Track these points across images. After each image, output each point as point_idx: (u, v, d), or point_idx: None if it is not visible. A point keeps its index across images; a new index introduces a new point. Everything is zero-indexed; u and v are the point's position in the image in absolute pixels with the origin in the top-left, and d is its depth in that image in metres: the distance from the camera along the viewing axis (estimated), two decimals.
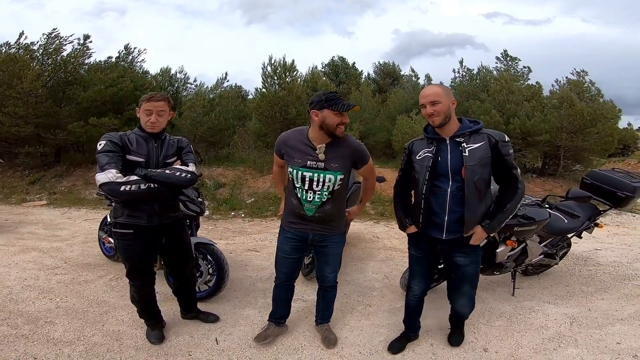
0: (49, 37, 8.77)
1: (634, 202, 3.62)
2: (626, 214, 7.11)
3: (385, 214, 6.68)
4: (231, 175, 7.96)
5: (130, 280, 2.30)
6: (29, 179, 8.35)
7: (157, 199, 2.14)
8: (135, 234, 2.15)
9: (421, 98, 2.00)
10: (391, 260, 4.15)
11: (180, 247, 2.43)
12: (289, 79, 7.84)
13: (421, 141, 2.12)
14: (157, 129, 2.15)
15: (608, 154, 10.85)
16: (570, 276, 3.71)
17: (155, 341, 2.39)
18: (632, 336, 2.60)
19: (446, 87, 2.04)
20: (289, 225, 2.26)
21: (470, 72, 10.39)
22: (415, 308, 2.42)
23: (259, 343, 2.40)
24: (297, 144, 2.09)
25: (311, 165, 2.05)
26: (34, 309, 2.82)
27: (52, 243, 4.53)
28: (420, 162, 2.05)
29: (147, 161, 2.12)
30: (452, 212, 1.99)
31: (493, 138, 1.93)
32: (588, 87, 9.15)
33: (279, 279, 2.40)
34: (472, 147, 1.94)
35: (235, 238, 5.03)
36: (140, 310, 2.43)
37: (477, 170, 1.92)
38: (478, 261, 2.15)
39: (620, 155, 16.81)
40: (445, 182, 1.99)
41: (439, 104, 1.92)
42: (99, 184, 1.96)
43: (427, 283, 2.34)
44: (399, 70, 17.53)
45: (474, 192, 1.94)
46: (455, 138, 1.97)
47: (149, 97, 2.12)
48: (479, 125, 2.00)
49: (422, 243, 2.20)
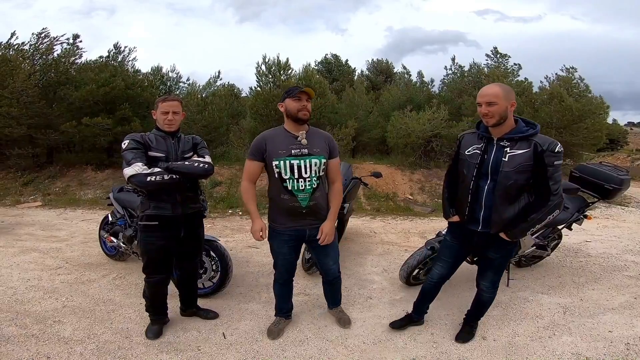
0: (39, 37, 8.67)
1: (621, 195, 3.76)
2: (615, 207, 7.32)
3: (381, 210, 6.78)
4: (227, 173, 7.98)
5: (147, 275, 2.39)
6: (22, 180, 8.27)
7: (179, 189, 2.29)
8: (160, 225, 2.28)
9: (479, 97, 1.98)
10: (389, 254, 4.24)
11: (195, 240, 2.54)
12: (283, 77, 7.87)
13: (472, 135, 2.16)
14: (173, 127, 2.32)
15: (597, 149, 11.10)
16: (562, 267, 3.85)
17: (152, 336, 2.47)
18: (623, 325, 2.72)
19: (508, 87, 1.99)
20: (283, 226, 2.28)
21: (462, 68, 10.52)
22: (429, 293, 2.54)
23: (274, 339, 2.48)
24: (278, 137, 2.21)
25: (296, 153, 2.16)
26: (41, 309, 2.85)
27: (51, 244, 4.53)
28: (470, 157, 2.10)
29: (167, 157, 2.28)
30: (487, 209, 2.06)
31: (540, 146, 1.90)
32: (577, 83, 9.33)
33: (282, 277, 2.48)
34: (514, 153, 1.94)
35: (235, 235, 5.08)
36: (149, 305, 2.51)
37: (512, 176, 1.94)
38: (507, 255, 2.24)
39: (609, 150, 17.18)
40: (485, 180, 2.05)
41: (495, 105, 1.91)
42: (128, 176, 2.11)
43: (448, 270, 2.43)
44: (392, 68, 17.62)
45: (504, 195, 1.99)
46: (501, 141, 1.99)
47: (163, 98, 2.30)
48: (532, 131, 1.96)
49: (459, 233, 2.28)
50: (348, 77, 16.66)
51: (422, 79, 11.78)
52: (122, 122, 8.31)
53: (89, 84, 8.14)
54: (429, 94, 11.03)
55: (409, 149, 8.56)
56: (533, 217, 1.98)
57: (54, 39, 8.75)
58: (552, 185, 1.92)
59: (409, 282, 3.22)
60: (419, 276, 3.24)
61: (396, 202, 7.19)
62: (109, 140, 8.05)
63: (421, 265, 3.15)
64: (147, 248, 2.33)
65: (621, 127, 23.73)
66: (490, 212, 2.05)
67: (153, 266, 2.37)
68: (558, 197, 1.95)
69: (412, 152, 8.55)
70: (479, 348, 2.41)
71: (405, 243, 4.75)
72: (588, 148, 9.75)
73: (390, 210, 6.79)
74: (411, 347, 2.43)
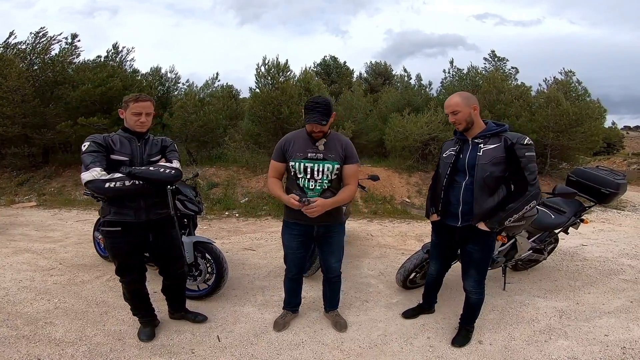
0: (37, 36, 8.64)
1: (617, 199, 3.76)
2: (612, 210, 7.34)
3: (378, 212, 6.77)
4: (224, 175, 7.96)
5: (120, 277, 2.33)
6: (17, 180, 8.22)
7: (143, 196, 2.18)
8: (123, 231, 2.18)
9: (445, 108, 2.25)
10: (386, 258, 4.23)
11: (168, 244, 2.42)
12: (282, 79, 7.86)
13: (451, 141, 2.40)
14: (145, 129, 2.23)
15: (593, 152, 11.14)
16: (558, 271, 3.84)
17: (145, 339, 2.42)
18: (619, 328, 2.71)
19: (466, 94, 2.23)
20: (294, 220, 2.38)
21: (460, 72, 10.55)
22: (432, 285, 2.75)
23: (279, 331, 2.58)
24: (298, 140, 2.34)
25: (311, 157, 2.28)
26: (33, 310, 2.81)
27: (45, 244, 4.49)
28: (445, 159, 2.34)
29: (131, 160, 2.17)
30: (465, 204, 2.23)
31: (509, 140, 2.10)
32: (575, 87, 9.37)
33: (291, 272, 2.59)
34: (487, 148, 2.14)
35: (231, 237, 5.05)
36: (133, 307, 2.47)
37: (488, 169, 2.11)
38: (486, 250, 2.31)
39: (605, 154, 17.26)
40: (462, 177, 2.24)
41: (459, 113, 2.17)
42: (84, 182, 2.01)
43: (442, 265, 2.65)
44: (390, 70, 17.67)
45: (482, 187, 2.14)
46: (475, 139, 2.20)
47: (135, 98, 2.17)
48: (500, 128, 2.18)
49: (441, 230, 2.47)
50: (346, 80, 16.68)
51: (421, 81, 11.81)
52: (119, 122, 8.26)
53: (86, 83, 8.11)
54: (427, 96, 11.05)
55: (406, 152, 8.56)
56: (511, 206, 2.11)
57: (52, 38, 8.74)
58: (528, 176, 2.08)
59: (406, 285, 3.21)
60: (415, 279, 3.22)
61: (393, 205, 7.18)
62: None
63: (418, 269, 3.14)
64: (114, 253, 2.25)
65: (618, 131, 23.87)
66: (468, 206, 2.21)
67: (125, 269, 2.29)
68: (535, 187, 2.10)
69: (409, 155, 8.55)
70: (475, 352, 2.39)
71: (402, 246, 4.74)
72: (585, 151, 9.78)
73: (387, 213, 6.77)
74: (407, 352, 2.41)
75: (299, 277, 2.65)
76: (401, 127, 8.36)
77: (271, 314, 2.83)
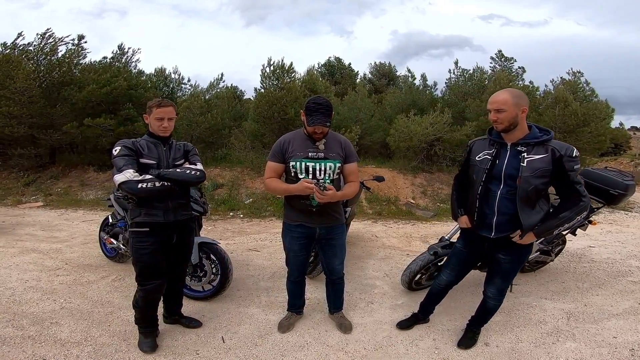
0: (43, 37, 8.71)
1: (626, 200, 3.71)
2: (619, 212, 7.25)
3: (382, 214, 6.74)
4: (229, 175, 7.97)
5: (140, 283, 2.28)
6: (24, 180, 8.28)
7: (170, 196, 2.26)
8: (150, 232, 2.23)
9: (489, 103, 2.01)
10: (390, 259, 4.20)
11: (184, 247, 2.50)
12: (287, 80, 7.86)
13: (483, 142, 2.16)
14: (168, 133, 2.29)
15: (600, 153, 11.02)
16: (566, 273, 3.80)
17: (148, 350, 2.33)
18: (627, 330, 2.68)
19: (518, 92, 1.99)
20: (295, 222, 2.36)
21: (466, 72, 10.48)
22: (436, 296, 2.60)
23: (284, 333, 2.57)
24: (297, 140, 2.30)
25: (312, 156, 2.25)
26: (39, 310, 2.83)
27: (51, 244, 4.52)
28: (480, 163, 2.10)
29: (158, 163, 2.24)
30: (502, 214, 2.04)
31: (557, 152, 1.91)
32: (582, 87, 9.29)
33: (293, 275, 2.57)
34: (532, 158, 1.94)
35: (235, 238, 5.05)
36: (140, 317, 2.38)
37: (532, 182, 1.93)
38: (519, 261, 2.20)
39: (612, 155, 17.07)
40: (497, 185, 2.04)
41: (504, 112, 1.93)
42: (119, 183, 2.08)
43: (456, 277, 2.44)
44: (395, 71, 17.62)
45: (526, 200, 1.97)
46: (516, 146, 1.99)
47: (157, 103, 2.22)
48: (547, 137, 1.97)
49: (471, 240, 2.28)
50: (350, 81, 16.65)
51: (426, 82, 11.76)
52: (125, 122, 8.33)
53: (92, 84, 8.17)
54: (432, 97, 10.98)
55: (411, 153, 8.51)
56: (564, 215, 1.97)
57: (59, 39, 8.80)
58: (579, 188, 1.95)
59: (411, 287, 3.18)
60: (421, 281, 3.20)
61: (398, 206, 7.15)
62: (111, 141, 8.03)
63: (423, 271, 3.11)
64: (140, 254, 2.23)
65: (625, 132, 23.63)
66: (506, 217, 2.04)
67: (147, 272, 2.26)
68: (588, 199, 1.97)
69: (414, 156, 8.50)
70: (482, 354, 2.37)
71: (407, 247, 4.71)
72: (592, 152, 9.67)
73: (391, 214, 6.74)
74: (413, 353, 2.39)
75: (301, 280, 2.63)
76: (405, 128, 8.32)
77: (276, 315, 2.83)
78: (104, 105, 8.39)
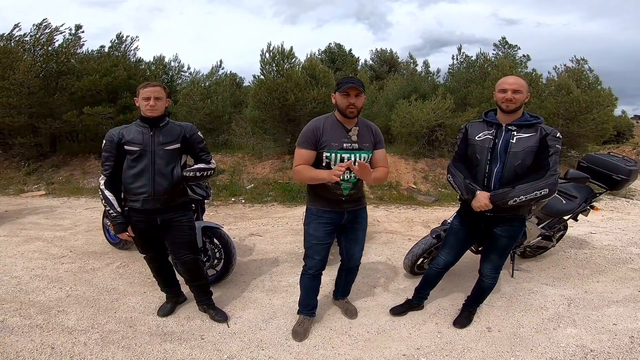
0: (39, 28, 8.58)
1: (628, 186, 3.72)
2: (620, 199, 7.26)
3: (384, 198, 6.76)
4: (230, 161, 7.96)
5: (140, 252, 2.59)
6: (25, 170, 8.28)
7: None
8: (130, 218, 2.38)
9: (504, 84, 2.12)
10: (392, 243, 4.23)
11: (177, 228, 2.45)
12: (287, 66, 7.76)
13: (479, 124, 2.27)
14: (156, 113, 2.27)
15: (602, 141, 10.96)
16: (567, 259, 3.82)
17: (161, 314, 2.61)
18: (627, 318, 2.70)
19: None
20: (323, 210, 2.27)
21: (469, 58, 10.35)
22: (432, 279, 2.63)
23: (301, 341, 2.36)
24: (330, 128, 2.18)
25: (347, 147, 2.18)
26: (45, 299, 2.85)
27: (55, 232, 4.54)
28: (481, 142, 2.20)
29: (143, 149, 2.26)
30: (496, 190, 2.14)
31: (544, 131, 2.07)
32: (586, 75, 9.18)
33: (314, 267, 2.36)
34: (521, 136, 2.10)
35: (237, 223, 5.08)
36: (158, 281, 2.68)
37: (520, 156, 2.08)
38: (513, 237, 2.28)
39: (615, 142, 17.00)
40: (495, 164, 2.16)
41: (519, 94, 2.08)
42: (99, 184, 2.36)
43: (454, 257, 2.51)
44: (396, 57, 17.42)
45: (513, 174, 2.10)
46: (510, 126, 2.14)
47: (144, 84, 2.28)
48: (536, 120, 2.13)
49: (469, 218, 2.35)
50: (351, 67, 16.48)
51: (428, 68, 11.63)
52: (125, 110, 8.29)
53: (91, 73, 8.10)
54: (434, 83, 10.88)
55: (412, 138, 8.48)
56: (520, 186, 2.06)
57: (55, 29, 8.67)
58: (552, 164, 2.05)
59: (414, 271, 3.21)
60: (423, 265, 3.22)
61: (399, 191, 7.16)
62: None
63: (426, 254, 3.14)
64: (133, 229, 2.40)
65: (628, 120, 23.48)
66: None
67: (140, 246, 2.52)
68: (553, 176, 2.04)
69: (416, 141, 8.47)
70: (484, 339, 2.40)
71: (409, 232, 4.74)
72: (594, 139, 9.62)
73: (393, 199, 6.76)
74: (415, 337, 2.42)
75: (320, 274, 2.42)
76: (407, 114, 8.27)
77: (279, 299, 2.86)
78: (104, 94, 8.33)
